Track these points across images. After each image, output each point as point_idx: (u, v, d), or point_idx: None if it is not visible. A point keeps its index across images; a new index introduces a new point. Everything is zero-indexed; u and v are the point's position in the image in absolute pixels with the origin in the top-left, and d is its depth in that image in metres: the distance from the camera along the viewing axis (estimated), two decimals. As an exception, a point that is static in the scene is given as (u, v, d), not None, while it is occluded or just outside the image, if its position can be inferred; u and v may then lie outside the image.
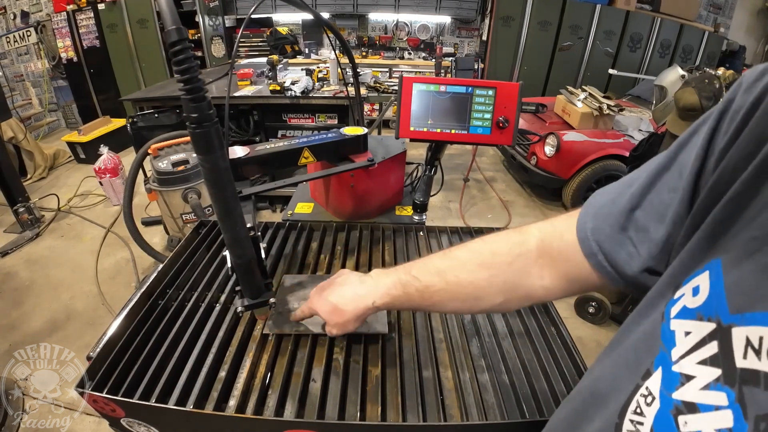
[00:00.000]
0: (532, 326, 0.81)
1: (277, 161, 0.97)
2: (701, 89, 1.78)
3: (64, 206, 3.65)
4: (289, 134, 3.31)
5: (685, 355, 0.28)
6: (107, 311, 2.44)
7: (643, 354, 0.33)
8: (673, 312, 0.31)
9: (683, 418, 0.27)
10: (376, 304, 0.63)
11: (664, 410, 0.28)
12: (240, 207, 0.61)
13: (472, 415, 0.64)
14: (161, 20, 3.39)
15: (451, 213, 3.72)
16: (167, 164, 2.48)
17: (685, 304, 0.30)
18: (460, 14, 5.65)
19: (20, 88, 5.80)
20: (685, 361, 0.28)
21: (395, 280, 0.61)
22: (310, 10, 1.09)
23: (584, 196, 3.52)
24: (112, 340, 0.71)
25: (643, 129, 3.51)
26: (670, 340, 0.30)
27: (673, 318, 0.30)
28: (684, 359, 0.28)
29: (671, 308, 0.31)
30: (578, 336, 2.39)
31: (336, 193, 1.24)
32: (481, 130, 1.10)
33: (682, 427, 0.26)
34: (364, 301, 0.63)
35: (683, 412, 0.27)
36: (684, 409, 0.27)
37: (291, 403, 0.66)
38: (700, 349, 0.27)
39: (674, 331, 0.30)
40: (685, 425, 0.26)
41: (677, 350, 0.29)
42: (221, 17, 5.50)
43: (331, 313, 0.67)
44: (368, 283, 0.65)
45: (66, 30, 5.33)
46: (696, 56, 5.53)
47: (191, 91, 0.49)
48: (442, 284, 0.57)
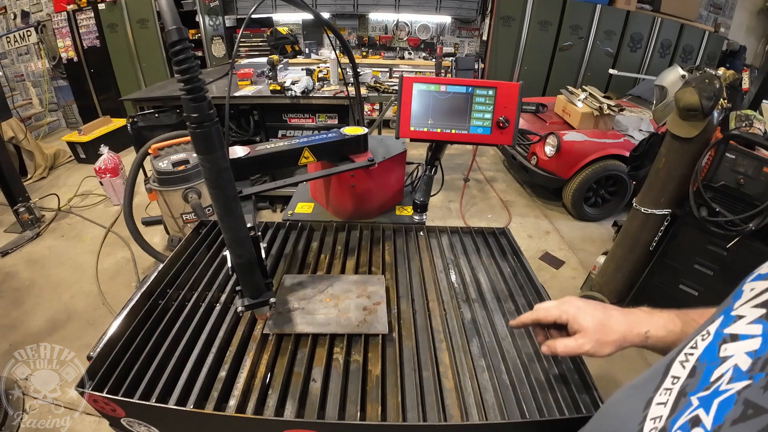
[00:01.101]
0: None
1: (277, 161, 0.97)
2: (702, 89, 1.77)
3: (64, 206, 3.65)
4: (290, 134, 3.30)
5: (744, 303, 0.35)
6: (107, 311, 2.44)
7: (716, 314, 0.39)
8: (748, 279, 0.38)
9: (725, 345, 0.33)
10: (649, 334, 0.59)
11: (713, 342, 0.35)
12: (240, 207, 0.61)
13: (472, 415, 0.64)
14: (161, 20, 3.35)
15: (452, 213, 3.72)
16: (167, 164, 2.48)
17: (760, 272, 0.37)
18: (460, 14, 5.65)
19: (21, 87, 5.80)
20: (743, 307, 0.35)
21: (671, 316, 0.59)
22: (310, 10, 1.09)
23: (584, 196, 3.52)
24: (112, 340, 0.71)
25: (643, 129, 3.50)
26: (738, 295, 0.37)
27: (748, 282, 0.37)
28: (742, 306, 0.35)
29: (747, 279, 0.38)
30: (578, 336, 2.38)
31: (336, 193, 1.24)
32: (481, 130, 1.10)
33: (722, 352, 0.33)
34: (637, 327, 0.59)
35: (727, 341, 0.33)
36: (728, 339, 0.33)
37: (291, 403, 0.66)
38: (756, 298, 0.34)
39: (743, 290, 0.36)
40: (725, 350, 0.33)
41: (740, 301, 0.36)
42: (221, 17, 5.50)
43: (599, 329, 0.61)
44: (638, 312, 0.62)
45: (66, 30, 5.33)
46: (696, 56, 5.53)
47: (191, 91, 0.49)
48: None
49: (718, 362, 0.32)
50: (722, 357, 0.32)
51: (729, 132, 1.84)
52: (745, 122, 1.89)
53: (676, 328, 0.58)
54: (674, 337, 0.58)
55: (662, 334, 0.58)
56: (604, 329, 0.61)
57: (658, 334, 0.58)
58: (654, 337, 0.58)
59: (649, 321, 0.59)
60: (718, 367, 0.32)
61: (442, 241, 1.10)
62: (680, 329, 0.57)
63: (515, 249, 1.06)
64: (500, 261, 1.02)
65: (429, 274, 0.97)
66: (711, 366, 0.33)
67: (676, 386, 0.35)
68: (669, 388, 0.35)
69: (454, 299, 0.89)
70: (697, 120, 1.84)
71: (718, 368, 0.32)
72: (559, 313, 0.65)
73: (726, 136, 1.84)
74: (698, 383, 0.33)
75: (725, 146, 1.85)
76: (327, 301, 0.85)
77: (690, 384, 0.34)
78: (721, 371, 0.31)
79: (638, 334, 0.59)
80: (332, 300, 0.85)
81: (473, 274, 0.97)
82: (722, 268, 1.96)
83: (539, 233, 3.48)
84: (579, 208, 3.59)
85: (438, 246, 1.07)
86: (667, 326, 0.58)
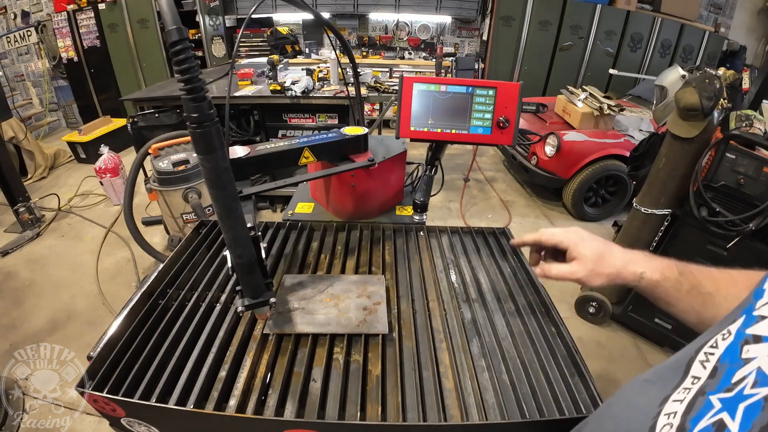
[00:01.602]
0: (532, 326, 0.81)
1: (277, 161, 0.97)
2: (702, 89, 1.77)
3: (64, 206, 3.65)
4: (290, 134, 3.31)
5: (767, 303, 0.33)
6: (107, 311, 2.44)
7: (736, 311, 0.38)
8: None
9: (747, 347, 0.32)
10: (644, 276, 0.59)
11: (735, 342, 0.34)
12: (240, 207, 0.61)
13: (472, 415, 0.64)
14: (162, 20, 3.36)
15: (452, 213, 3.72)
16: (168, 164, 2.48)
17: None
18: (460, 14, 5.65)
19: (21, 87, 5.80)
20: (765, 307, 0.33)
21: (671, 263, 0.59)
22: (310, 10, 1.09)
23: (584, 196, 3.52)
24: (112, 340, 0.71)
25: (643, 129, 3.50)
26: (760, 294, 0.35)
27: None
28: (765, 306, 0.33)
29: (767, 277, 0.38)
30: (578, 336, 2.38)
31: (336, 193, 1.24)
32: (481, 130, 1.10)
33: (744, 353, 0.32)
34: (634, 265, 0.60)
35: (749, 343, 0.32)
36: (751, 340, 0.32)
37: (291, 403, 0.66)
38: None
39: (765, 290, 0.35)
40: (747, 352, 0.31)
41: (762, 300, 0.34)
42: (222, 17, 5.50)
43: (596, 260, 0.62)
44: (638, 253, 0.62)
45: (66, 30, 5.33)
46: (696, 56, 5.53)
47: (192, 91, 0.49)
48: (713, 289, 0.55)
49: (740, 363, 0.31)
50: (745, 359, 0.31)
51: (729, 132, 1.84)
52: (745, 122, 1.89)
53: (672, 275, 0.58)
54: (668, 284, 0.58)
55: (657, 277, 0.59)
56: (601, 261, 0.62)
57: (653, 276, 0.59)
58: (648, 280, 0.59)
59: (647, 263, 0.60)
60: (740, 368, 0.31)
61: (442, 241, 1.10)
62: (675, 278, 0.58)
63: (515, 249, 1.06)
64: (500, 261, 1.02)
65: (429, 274, 0.97)
66: (733, 367, 0.32)
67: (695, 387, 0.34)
68: (688, 388, 0.35)
69: (454, 299, 0.89)
70: (697, 120, 1.84)
71: (741, 369, 0.31)
72: (562, 238, 0.66)
73: (726, 136, 1.83)
74: (718, 383, 0.32)
75: (725, 146, 1.85)
76: (327, 301, 0.85)
77: (710, 384, 0.33)
78: (744, 373, 0.30)
79: (633, 272, 0.60)
80: (332, 300, 0.85)
81: (473, 274, 0.97)
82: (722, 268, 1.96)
83: (539, 233, 3.47)
84: (579, 208, 3.59)
85: (438, 246, 1.07)
86: (663, 272, 0.58)
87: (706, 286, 0.56)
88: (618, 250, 0.63)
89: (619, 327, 2.47)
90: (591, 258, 0.63)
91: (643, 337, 2.39)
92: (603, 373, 2.16)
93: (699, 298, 0.56)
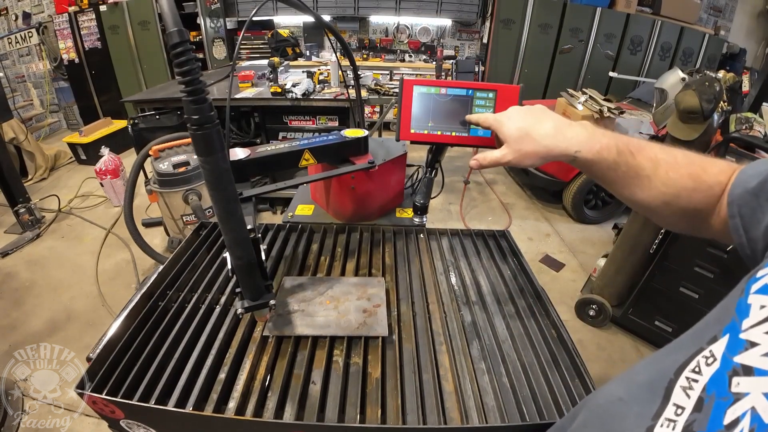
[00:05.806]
0: (532, 329, 0.81)
1: (277, 163, 0.97)
2: (702, 92, 1.78)
3: (64, 207, 3.66)
4: (290, 136, 3.31)
5: (756, 325, 0.29)
6: (107, 312, 2.44)
7: (713, 324, 0.34)
8: (753, 288, 0.32)
9: (737, 379, 0.28)
10: (579, 155, 0.57)
11: (721, 371, 0.30)
12: (240, 209, 0.61)
13: (472, 418, 0.64)
14: (163, 22, 3.39)
15: (452, 215, 3.72)
16: (168, 166, 2.48)
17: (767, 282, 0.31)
18: (460, 17, 5.67)
19: (22, 89, 5.82)
20: (754, 330, 0.29)
21: (612, 143, 0.56)
22: (311, 13, 1.09)
23: (584, 198, 3.52)
24: (112, 341, 0.71)
25: (643, 132, 3.50)
26: (744, 311, 0.31)
27: (753, 293, 0.32)
28: (753, 329, 0.29)
29: (752, 285, 0.32)
30: (579, 339, 2.38)
31: (336, 195, 1.24)
32: (481, 133, 1.10)
33: (734, 387, 0.28)
34: (566, 143, 0.58)
35: (739, 374, 0.28)
36: (740, 372, 0.28)
37: (291, 405, 0.66)
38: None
39: (750, 305, 0.31)
40: (737, 386, 0.28)
41: (749, 321, 0.30)
42: (222, 19, 5.52)
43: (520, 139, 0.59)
44: (577, 129, 0.59)
45: (68, 31, 5.35)
46: (696, 59, 5.54)
47: (192, 93, 0.49)
48: (651, 172, 0.54)
49: (730, 398, 0.28)
50: (735, 393, 0.28)
51: (729, 134, 1.85)
52: (745, 125, 1.90)
53: (609, 156, 0.56)
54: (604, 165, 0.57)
55: (591, 157, 0.57)
56: (525, 139, 0.60)
57: (587, 156, 0.57)
58: (582, 159, 0.58)
59: (583, 142, 0.58)
60: (730, 405, 0.28)
61: (443, 243, 1.10)
62: (613, 158, 0.56)
63: (515, 251, 1.05)
64: (500, 263, 1.02)
65: (429, 276, 0.97)
66: (721, 402, 0.28)
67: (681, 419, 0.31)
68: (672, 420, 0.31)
69: (454, 302, 0.88)
70: (697, 123, 1.84)
71: (731, 407, 0.27)
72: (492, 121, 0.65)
73: (726, 139, 1.84)
74: (708, 422, 0.28)
75: (725, 149, 1.85)
76: (327, 303, 0.85)
77: (698, 420, 0.29)
78: (736, 413, 0.27)
79: (566, 151, 0.58)
80: (332, 302, 0.85)
81: (473, 276, 0.97)
82: (722, 271, 1.96)
83: (539, 236, 3.48)
84: (579, 211, 3.59)
85: (438, 248, 1.07)
86: (601, 152, 0.57)
87: (645, 169, 0.54)
88: (549, 126, 0.60)
89: (620, 330, 2.47)
90: (515, 137, 0.60)
91: (643, 340, 2.39)
92: (603, 375, 2.15)
93: (635, 180, 0.55)
